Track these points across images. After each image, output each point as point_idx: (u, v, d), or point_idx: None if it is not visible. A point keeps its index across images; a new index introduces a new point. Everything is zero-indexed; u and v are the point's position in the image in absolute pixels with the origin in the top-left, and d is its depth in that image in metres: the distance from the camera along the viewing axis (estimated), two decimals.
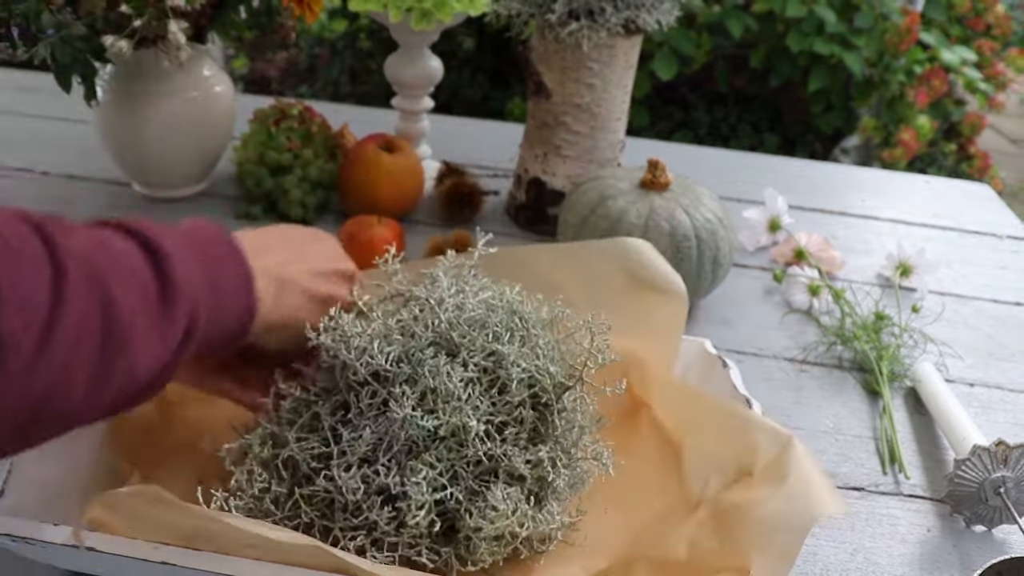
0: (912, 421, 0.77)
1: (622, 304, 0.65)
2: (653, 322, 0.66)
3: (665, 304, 0.66)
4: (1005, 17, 2.68)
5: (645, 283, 0.66)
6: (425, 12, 0.91)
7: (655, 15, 0.89)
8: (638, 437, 0.65)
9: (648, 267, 0.66)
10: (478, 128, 1.36)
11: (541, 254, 0.68)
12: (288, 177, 0.98)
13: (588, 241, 0.70)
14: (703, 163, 1.28)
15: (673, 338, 0.67)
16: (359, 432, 0.52)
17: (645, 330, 0.66)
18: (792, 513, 0.49)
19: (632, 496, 0.60)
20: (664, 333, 0.67)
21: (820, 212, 1.15)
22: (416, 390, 0.52)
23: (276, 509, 0.53)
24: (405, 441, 0.51)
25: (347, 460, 0.52)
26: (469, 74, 2.81)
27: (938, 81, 2.44)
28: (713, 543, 0.52)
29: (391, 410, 0.52)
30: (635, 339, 0.65)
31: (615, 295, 0.66)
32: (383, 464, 0.51)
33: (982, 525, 0.66)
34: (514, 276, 0.61)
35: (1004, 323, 0.94)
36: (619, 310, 0.63)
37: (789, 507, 0.49)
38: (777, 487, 0.51)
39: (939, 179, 1.32)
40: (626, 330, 0.61)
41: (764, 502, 0.50)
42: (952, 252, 1.08)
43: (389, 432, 0.52)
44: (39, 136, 1.15)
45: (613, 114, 0.96)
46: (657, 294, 0.66)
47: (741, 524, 0.51)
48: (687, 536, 0.54)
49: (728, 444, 0.57)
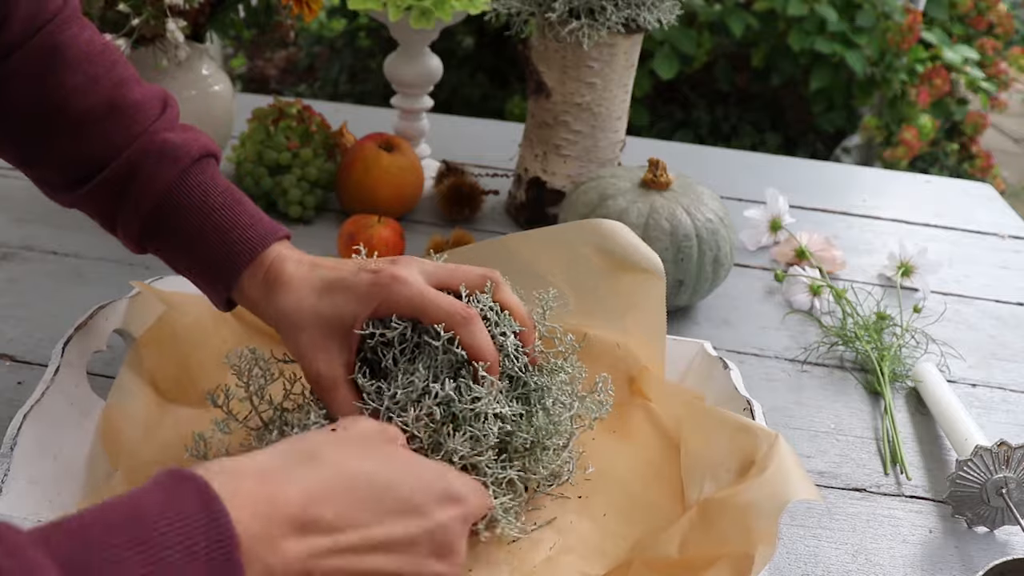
0: (914, 422, 0.77)
1: (606, 288, 0.67)
2: (638, 303, 0.67)
3: (646, 282, 0.67)
4: (1007, 16, 2.67)
5: (626, 263, 0.67)
6: (424, 11, 0.91)
7: (656, 14, 0.89)
8: (636, 428, 0.66)
9: (626, 247, 0.67)
10: (478, 127, 1.35)
11: (522, 243, 0.68)
12: (287, 176, 0.97)
13: (563, 224, 0.70)
14: (704, 162, 1.28)
15: (660, 318, 0.68)
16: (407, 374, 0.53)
17: (633, 313, 0.67)
18: (765, 497, 0.49)
19: (631, 504, 0.60)
20: (651, 314, 0.68)
21: (821, 212, 1.15)
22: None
23: None
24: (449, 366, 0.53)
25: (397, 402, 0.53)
26: (469, 73, 2.81)
27: (940, 80, 2.44)
28: (699, 535, 0.52)
29: (426, 342, 0.53)
30: (625, 327, 0.67)
31: (598, 279, 0.67)
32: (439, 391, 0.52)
33: (984, 526, 0.65)
34: (500, 268, 0.60)
35: (1006, 323, 0.94)
36: (604, 294, 0.65)
37: (763, 493, 0.50)
38: (756, 478, 0.51)
39: (941, 179, 1.31)
40: (614, 315, 0.61)
41: (742, 492, 0.51)
42: (954, 252, 1.07)
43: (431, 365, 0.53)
44: None
45: (613, 113, 0.95)
46: (637, 273, 0.67)
47: (721, 514, 0.51)
48: (678, 533, 0.54)
49: (721, 449, 0.58)
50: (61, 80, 0.56)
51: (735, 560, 0.50)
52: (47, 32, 0.56)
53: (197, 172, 0.57)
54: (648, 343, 0.68)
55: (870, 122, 2.56)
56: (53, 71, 0.56)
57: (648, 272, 0.67)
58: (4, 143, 0.59)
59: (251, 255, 0.56)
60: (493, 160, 1.18)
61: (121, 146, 0.57)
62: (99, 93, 0.57)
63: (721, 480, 0.57)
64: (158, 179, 0.56)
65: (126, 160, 0.57)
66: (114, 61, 0.58)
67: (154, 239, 0.58)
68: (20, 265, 0.86)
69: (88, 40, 0.57)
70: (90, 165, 0.57)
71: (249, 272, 0.56)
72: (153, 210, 0.56)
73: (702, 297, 0.87)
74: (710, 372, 0.68)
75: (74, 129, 0.57)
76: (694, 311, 0.90)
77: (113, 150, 0.57)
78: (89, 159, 0.57)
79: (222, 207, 0.57)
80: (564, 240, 0.68)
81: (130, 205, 0.57)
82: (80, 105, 0.56)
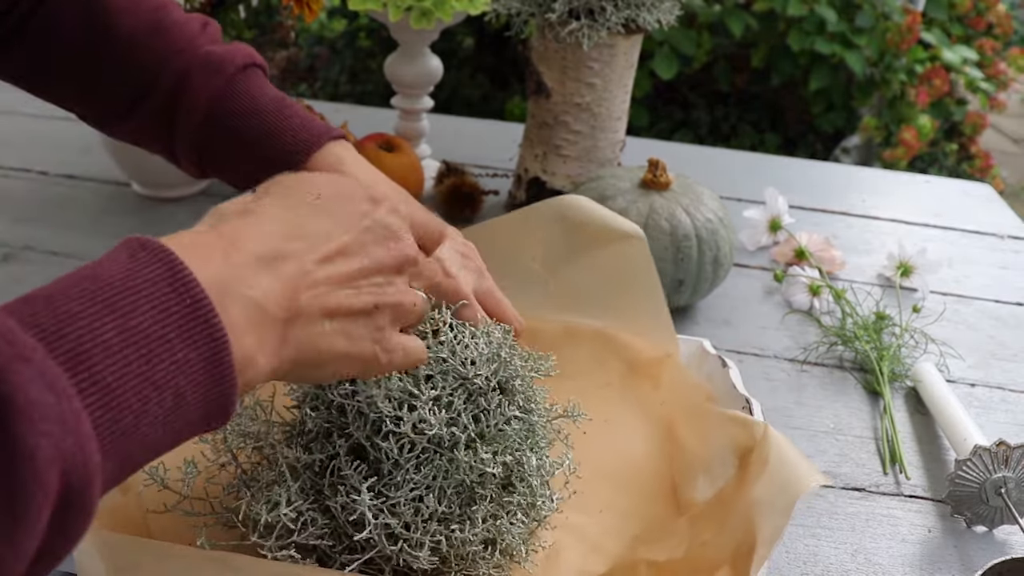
0: (913, 421, 0.77)
1: (587, 263, 0.67)
2: (627, 272, 0.68)
3: (630, 249, 0.67)
4: (1006, 16, 2.67)
5: (606, 233, 0.67)
6: (425, 11, 0.91)
7: (655, 14, 0.89)
8: (629, 419, 0.66)
9: (603, 216, 0.68)
10: (478, 128, 1.35)
11: (498, 231, 0.68)
12: None
13: (534, 205, 0.70)
14: (703, 163, 1.28)
15: (653, 281, 0.68)
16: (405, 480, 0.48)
17: (622, 286, 0.67)
18: (775, 494, 0.50)
19: (626, 500, 0.60)
20: (643, 280, 0.68)
21: (821, 212, 1.15)
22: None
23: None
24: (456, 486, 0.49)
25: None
26: (469, 73, 2.81)
27: (939, 80, 2.44)
28: (707, 536, 0.52)
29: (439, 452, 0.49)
30: (613, 306, 0.67)
31: (579, 255, 0.67)
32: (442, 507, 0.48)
33: (983, 526, 0.66)
34: (483, 254, 0.60)
35: (1005, 323, 0.94)
36: (585, 271, 0.66)
37: (771, 489, 0.50)
38: (760, 474, 0.51)
39: (940, 179, 1.32)
40: (599, 294, 0.61)
41: (749, 489, 0.51)
42: (953, 252, 1.08)
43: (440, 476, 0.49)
44: (38, 136, 1.15)
45: (613, 114, 0.95)
46: (619, 242, 0.67)
47: (730, 513, 0.51)
48: (683, 533, 0.54)
49: (714, 444, 0.58)
50: (106, 3, 0.58)
51: (738, 558, 0.50)
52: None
53: (243, 80, 0.59)
54: (638, 319, 0.67)
55: (869, 122, 2.56)
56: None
57: (630, 236, 0.67)
58: (57, 78, 0.61)
59: (307, 154, 0.57)
60: (493, 160, 1.18)
61: (167, 62, 0.58)
62: (142, 14, 0.59)
63: (717, 475, 0.57)
64: (205, 89, 0.57)
65: (173, 75, 0.58)
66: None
67: (208, 153, 0.59)
68: (21, 265, 0.86)
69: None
70: (140, 87, 0.59)
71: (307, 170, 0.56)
72: (204, 121, 0.57)
73: (702, 297, 0.87)
74: (709, 371, 0.68)
75: (122, 50, 0.58)
76: (694, 311, 0.90)
77: (160, 67, 0.58)
78: (138, 80, 0.59)
79: (272, 111, 0.58)
80: (538, 220, 0.68)
81: (181, 121, 0.58)
82: (125, 25, 0.58)
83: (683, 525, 0.56)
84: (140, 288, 0.32)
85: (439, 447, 0.48)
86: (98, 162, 1.06)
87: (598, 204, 0.68)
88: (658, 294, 0.68)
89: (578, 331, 0.68)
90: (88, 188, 1.03)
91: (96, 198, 1.02)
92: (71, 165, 1.08)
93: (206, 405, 0.34)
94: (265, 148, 0.57)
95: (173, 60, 0.58)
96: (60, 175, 1.06)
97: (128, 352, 0.31)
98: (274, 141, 0.57)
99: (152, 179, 1.01)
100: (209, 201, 1.02)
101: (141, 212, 0.99)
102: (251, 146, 0.58)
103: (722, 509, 0.53)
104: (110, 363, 0.30)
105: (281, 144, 0.57)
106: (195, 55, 0.59)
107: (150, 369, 0.31)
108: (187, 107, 0.58)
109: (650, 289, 0.68)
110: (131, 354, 0.31)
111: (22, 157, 1.09)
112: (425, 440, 0.48)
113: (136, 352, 0.31)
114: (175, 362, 0.32)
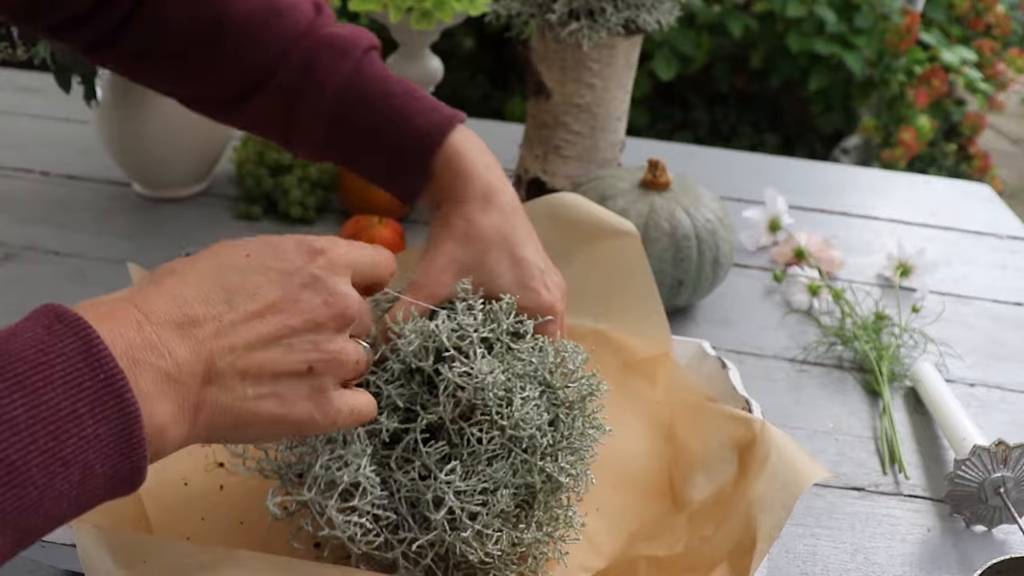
0: (912, 421, 0.78)
1: (581, 262, 0.67)
2: (622, 271, 0.68)
3: (625, 246, 0.68)
4: (1005, 17, 2.67)
5: (600, 230, 0.67)
6: (425, 12, 0.91)
7: (655, 15, 0.89)
8: (624, 417, 0.66)
9: (598, 214, 0.68)
10: (478, 128, 1.35)
11: None
12: (288, 177, 0.98)
13: (525, 205, 0.69)
14: (703, 163, 1.28)
15: (648, 280, 0.68)
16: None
17: (617, 285, 0.68)
18: (777, 489, 0.50)
19: (622, 497, 0.60)
20: (638, 278, 0.68)
21: (820, 212, 1.15)
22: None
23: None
24: None
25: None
26: (469, 74, 2.81)
27: (938, 81, 2.44)
28: (706, 532, 0.52)
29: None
30: (609, 305, 0.67)
31: (573, 253, 0.67)
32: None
33: (982, 525, 0.66)
34: None
35: (1004, 323, 0.94)
36: (580, 271, 0.65)
37: (773, 485, 0.50)
38: (760, 470, 0.51)
39: (939, 179, 1.32)
40: (595, 294, 0.62)
41: (751, 485, 0.51)
42: (952, 252, 1.08)
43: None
44: (39, 136, 1.15)
45: (613, 114, 0.96)
46: (614, 239, 0.67)
47: (730, 510, 0.51)
48: (682, 530, 0.54)
49: (712, 442, 0.58)
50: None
51: (738, 555, 0.50)
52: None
53: (370, 63, 0.58)
54: (633, 315, 0.68)
55: (868, 123, 2.57)
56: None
57: (623, 233, 0.67)
58: (170, 65, 0.59)
59: (441, 135, 0.57)
60: None
61: (287, 47, 0.57)
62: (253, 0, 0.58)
63: (715, 472, 0.57)
64: (336, 72, 0.57)
65: (297, 59, 0.57)
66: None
67: (336, 136, 0.58)
68: (22, 265, 0.87)
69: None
70: (258, 72, 0.58)
71: (440, 155, 0.56)
72: (335, 104, 0.57)
73: (701, 297, 0.88)
74: (708, 372, 0.68)
75: (237, 37, 0.57)
76: (693, 311, 0.90)
77: (280, 52, 0.57)
78: (258, 65, 0.58)
79: (401, 94, 0.58)
80: (530, 218, 0.68)
81: (308, 104, 0.57)
82: (239, 11, 0.57)
83: (682, 521, 0.56)
84: (54, 363, 0.32)
85: (516, 446, 0.49)
86: (99, 162, 1.06)
87: (590, 201, 0.68)
88: (652, 289, 0.68)
89: (574, 331, 0.68)
90: (89, 188, 1.04)
91: (97, 198, 1.02)
92: (72, 165, 1.08)
93: (115, 477, 0.33)
94: (398, 130, 0.57)
95: (296, 44, 0.58)
96: (61, 175, 1.06)
97: (36, 429, 0.31)
98: (406, 124, 0.57)
99: (153, 179, 1.01)
100: (209, 201, 1.03)
101: (142, 212, 0.99)
102: (384, 128, 0.57)
103: (722, 506, 0.53)
104: (15, 440, 0.30)
105: (412, 127, 0.57)
106: (318, 37, 0.58)
107: (58, 445, 0.31)
108: (315, 91, 0.57)
109: (644, 284, 0.68)
110: (39, 431, 0.31)
111: (23, 157, 1.09)
112: (506, 437, 0.48)
113: (44, 429, 0.31)
114: (84, 438, 0.32)
